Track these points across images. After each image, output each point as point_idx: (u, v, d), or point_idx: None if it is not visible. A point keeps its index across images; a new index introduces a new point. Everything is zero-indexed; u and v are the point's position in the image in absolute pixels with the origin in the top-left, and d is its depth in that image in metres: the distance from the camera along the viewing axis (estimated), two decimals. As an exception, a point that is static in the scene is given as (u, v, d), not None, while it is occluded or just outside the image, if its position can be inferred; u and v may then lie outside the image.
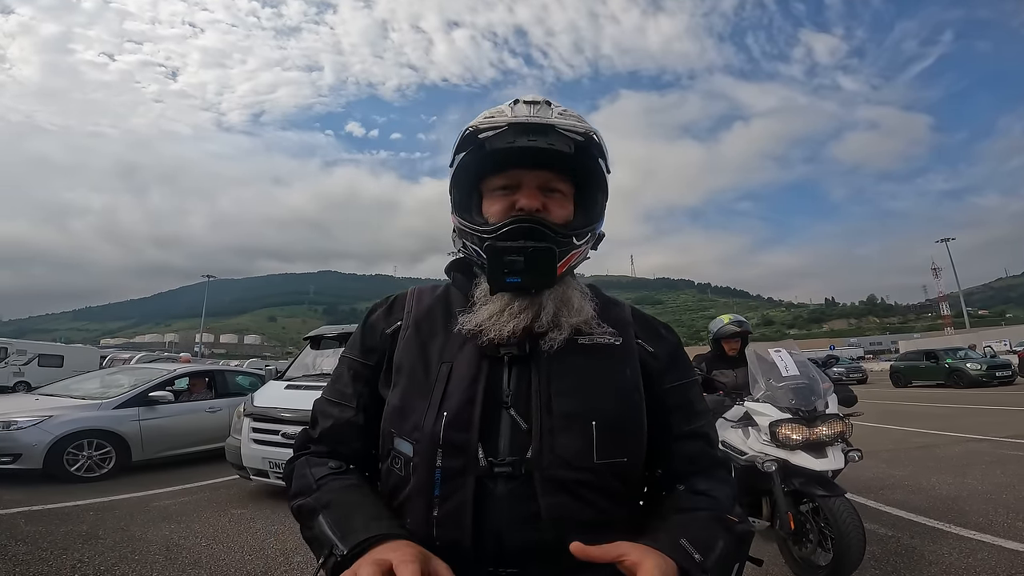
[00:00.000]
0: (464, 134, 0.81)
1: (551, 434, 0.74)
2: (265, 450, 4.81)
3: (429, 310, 0.90)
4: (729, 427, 3.42)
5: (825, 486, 2.87)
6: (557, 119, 0.79)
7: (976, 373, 17.50)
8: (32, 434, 5.63)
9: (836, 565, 2.73)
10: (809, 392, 3.14)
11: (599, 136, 0.82)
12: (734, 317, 4.00)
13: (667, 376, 0.86)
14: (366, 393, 0.88)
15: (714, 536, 0.72)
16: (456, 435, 0.74)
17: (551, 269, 0.77)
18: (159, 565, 3.37)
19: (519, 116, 0.78)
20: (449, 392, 0.77)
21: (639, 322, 0.91)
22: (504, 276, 0.76)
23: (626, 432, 0.79)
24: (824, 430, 2.98)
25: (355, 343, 0.93)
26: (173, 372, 7.44)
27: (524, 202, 0.80)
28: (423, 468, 0.74)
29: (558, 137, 0.78)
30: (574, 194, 0.86)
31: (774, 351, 3.43)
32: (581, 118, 0.82)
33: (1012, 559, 3.19)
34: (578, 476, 0.73)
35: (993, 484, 4.93)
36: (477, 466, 0.73)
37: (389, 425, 0.81)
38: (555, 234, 0.78)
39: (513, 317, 0.79)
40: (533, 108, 0.80)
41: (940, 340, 39.37)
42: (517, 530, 0.71)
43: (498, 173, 0.83)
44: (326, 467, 0.82)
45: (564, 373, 0.78)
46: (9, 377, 19.42)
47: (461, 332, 0.82)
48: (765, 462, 2.96)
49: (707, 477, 0.83)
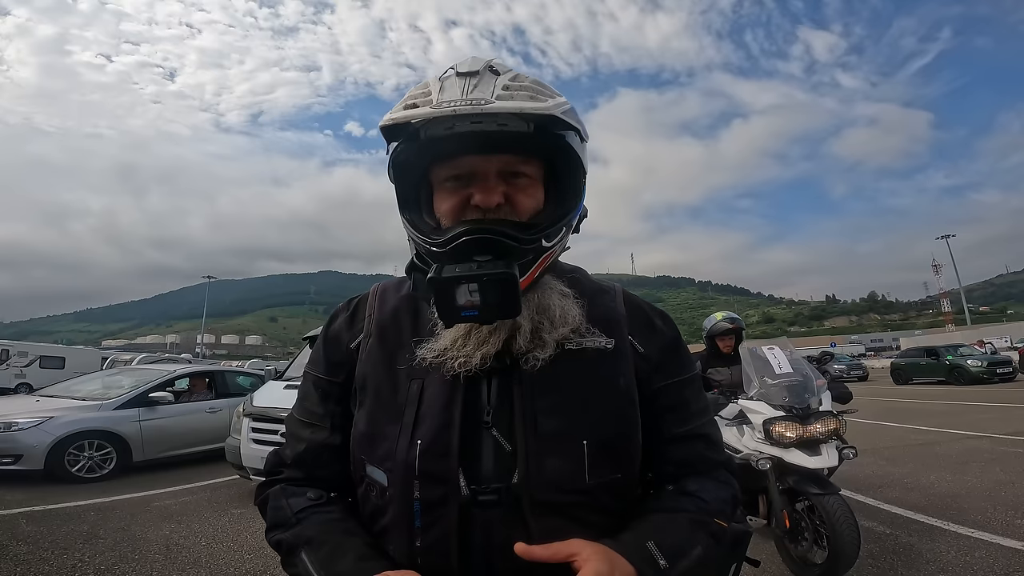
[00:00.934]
0: (383, 127, 0.65)
1: (538, 456, 0.67)
2: (265, 450, 4.80)
3: (394, 313, 0.79)
4: (724, 425, 3.42)
5: (819, 484, 2.87)
6: (501, 100, 0.61)
7: (977, 370, 17.45)
8: (33, 435, 5.66)
9: (832, 563, 2.74)
10: (803, 389, 3.14)
11: (563, 108, 0.65)
12: (727, 314, 3.98)
13: (659, 375, 0.77)
14: (339, 412, 0.79)
15: (690, 541, 0.66)
16: (433, 464, 0.67)
17: (513, 299, 0.63)
18: (159, 565, 3.38)
19: (450, 99, 0.61)
20: (422, 415, 0.69)
21: (632, 313, 0.80)
22: (458, 311, 0.64)
23: (620, 448, 0.72)
24: (818, 428, 2.98)
25: (319, 358, 0.83)
26: (173, 373, 7.46)
27: (480, 197, 0.67)
28: (400, 500, 0.68)
29: (510, 117, 0.62)
30: (544, 174, 0.72)
31: (767, 348, 3.43)
32: (537, 88, 0.65)
33: (1010, 557, 3.19)
34: (570, 499, 0.67)
35: (992, 481, 4.93)
36: (459, 495, 0.66)
37: (359, 451, 0.74)
38: (518, 242, 0.65)
39: (481, 344, 0.69)
40: (469, 83, 0.63)
41: (941, 337, 39.32)
42: (508, 555, 0.64)
43: (446, 161, 0.68)
44: (305, 498, 0.75)
45: (550, 387, 0.70)
46: (11, 379, 19.45)
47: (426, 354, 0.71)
48: (760, 460, 2.96)
49: (700, 478, 0.75)
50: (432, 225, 0.70)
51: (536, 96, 0.64)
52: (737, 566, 0.80)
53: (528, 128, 0.64)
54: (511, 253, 0.64)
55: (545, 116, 0.63)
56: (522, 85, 0.64)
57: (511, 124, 0.63)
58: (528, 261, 0.68)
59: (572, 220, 0.73)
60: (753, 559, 0.90)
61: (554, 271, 0.77)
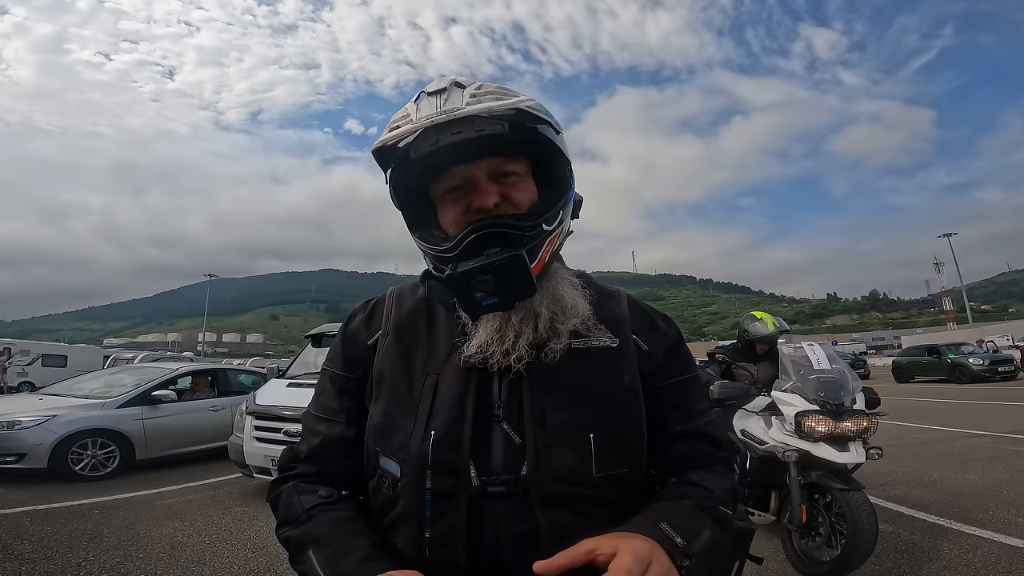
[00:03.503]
0: (375, 151, 0.73)
1: (546, 449, 0.70)
2: (267, 448, 4.82)
3: (411, 315, 0.83)
4: (751, 416, 3.43)
5: (844, 479, 2.87)
6: (471, 105, 0.68)
7: (978, 368, 17.43)
8: (36, 434, 5.67)
9: (844, 559, 2.74)
10: (839, 387, 3.12)
11: (528, 104, 0.71)
12: (779, 324, 3.82)
13: (663, 373, 0.80)
14: (354, 407, 0.82)
15: (699, 523, 0.68)
16: (446, 455, 0.69)
17: (527, 277, 0.68)
18: (163, 563, 3.40)
19: (427, 114, 0.68)
20: (436, 408, 0.72)
21: (636, 315, 0.84)
22: (479, 301, 0.68)
23: (626, 443, 0.74)
24: (850, 425, 2.98)
25: (336, 355, 0.86)
26: (175, 371, 7.48)
27: (478, 201, 0.72)
28: (412, 490, 0.70)
29: (485, 121, 0.69)
30: (532, 170, 0.77)
31: (807, 344, 3.43)
32: (502, 91, 0.72)
33: (1012, 555, 3.20)
34: (577, 491, 0.69)
35: (994, 480, 4.93)
36: (469, 486, 0.69)
37: (373, 443, 0.77)
38: (521, 230, 0.70)
39: (516, 334, 0.72)
40: (440, 99, 0.70)
41: (943, 335, 39.26)
42: (515, 548, 0.67)
43: (441, 175, 0.74)
44: (316, 496, 0.77)
45: (557, 383, 0.73)
46: (13, 377, 19.52)
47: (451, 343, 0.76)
48: (786, 451, 2.96)
49: (702, 470, 0.78)
50: (441, 236, 0.75)
51: (500, 97, 0.70)
52: (740, 564, 0.82)
53: (504, 129, 0.70)
54: (516, 241, 0.70)
55: (512, 111, 0.70)
56: (487, 91, 0.71)
57: (488, 128, 0.69)
58: (535, 246, 0.72)
59: (566, 203, 0.77)
60: (756, 556, 0.90)
61: (562, 262, 0.82)
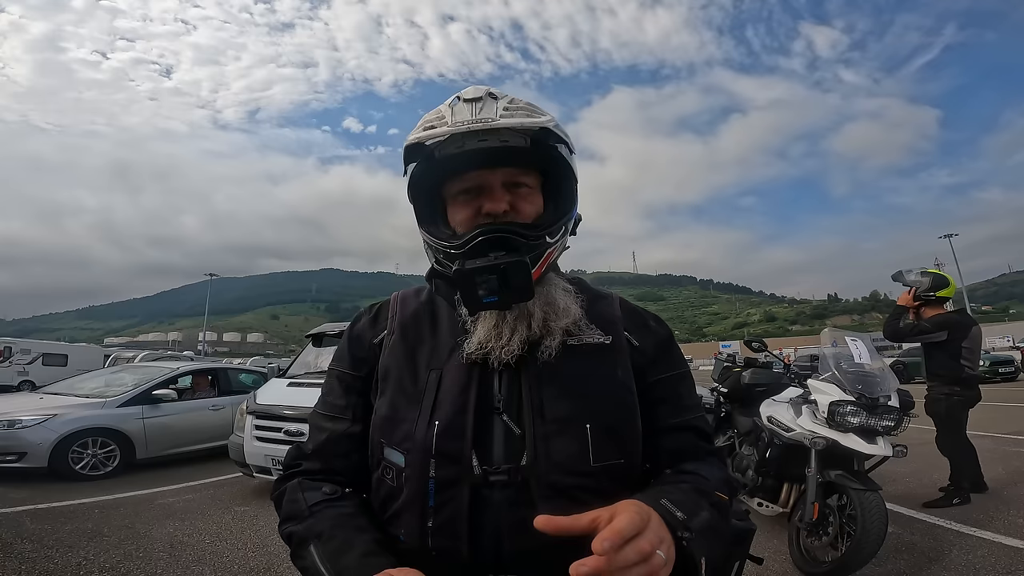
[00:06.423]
0: (407, 146, 0.78)
1: (545, 439, 0.73)
2: (268, 447, 4.83)
3: (415, 315, 0.87)
4: (779, 404, 3.44)
5: (862, 480, 2.87)
6: (504, 118, 0.73)
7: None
8: (37, 432, 5.67)
9: (844, 562, 2.74)
10: (877, 383, 3.13)
11: (554, 123, 0.77)
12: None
13: (654, 369, 0.84)
14: (360, 404, 0.85)
15: (697, 504, 0.69)
16: (449, 444, 0.72)
17: (527, 282, 0.73)
18: (163, 562, 3.40)
19: (462, 120, 0.73)
20: (440, 400, 0.75)
21: (628, 315, 0.88)
22: (480, 298, 0.73)
23: (622, 433, 0.77)
24: (882, 420, 2.99)
25: (343, 355, 0.89)
26: (176, 370, 7.49)
27: (489, 206, 0.77)
28: (416, 479, 0.73)
29: (511, 134, 0.74)
30: (542, 184, 0.82)
31: (850, 339, 3.44)
32: (531, 108, 0.77)
33: (1012, 556, 3.20)
34: (575, 481, 0.72)
35: (994, 480, 4.91)
36: (471, 475, 0.71)
37: (378, 435, 0.79)
38: (526, 238, 0.76)
39: (511, 331, 0.76)
40: (475, 107, 0.74)
41: (943, 336, 39.07)
42: (516, 536, 0.70)
43: (457, 177, 0.79)
44: (319, 492, 0.78)
45: (555, 377, 0.77)
46: (14, 376, 19.52)
47: (454, 341, 0.80)
48: (814, 438, 2.95)
49: (695, 461, 0.81)
50: (449, 234, 0.80)
51: (531, 115, 0.76)
52: (740, 563, 0.83)
53: (526, 143, 0.76)
54: (520, 248, 0.75)
55: (541, 130, 0.76)
56: (519, 106, 0.76)
57: (512, 140, 0.74)
58: (536, 255, 0.77)
59: (569, 221, 0.84)
60: (756, 556, 0.91)
61: (557, 271, 0.87)
